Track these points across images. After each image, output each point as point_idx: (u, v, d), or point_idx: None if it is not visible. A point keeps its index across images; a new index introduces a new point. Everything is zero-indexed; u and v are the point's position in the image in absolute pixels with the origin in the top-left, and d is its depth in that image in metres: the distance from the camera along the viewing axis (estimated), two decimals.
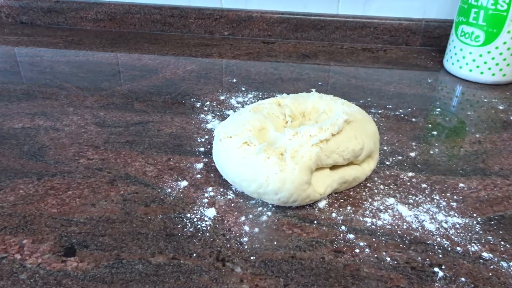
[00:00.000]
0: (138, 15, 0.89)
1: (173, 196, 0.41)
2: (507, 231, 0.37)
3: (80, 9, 0.89)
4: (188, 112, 0.57)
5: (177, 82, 0.66)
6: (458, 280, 0.32)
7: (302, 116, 0.46)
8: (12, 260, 0.33)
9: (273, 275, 0.32)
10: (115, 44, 0.83)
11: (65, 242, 0.35)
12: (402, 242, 0.36)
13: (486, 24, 0.63)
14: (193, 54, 0.79)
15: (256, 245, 0.35)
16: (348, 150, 0.39)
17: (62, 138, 0.50)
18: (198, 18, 0.88)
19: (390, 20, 0.83)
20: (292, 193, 0.37)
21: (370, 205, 0.40)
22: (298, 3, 0.85)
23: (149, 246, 0.35)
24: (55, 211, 0.38)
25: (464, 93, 0.65)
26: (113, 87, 0.64)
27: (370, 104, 0.60)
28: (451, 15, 0.82)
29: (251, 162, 0.37)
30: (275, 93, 0.63)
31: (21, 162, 0.45)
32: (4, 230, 0.36)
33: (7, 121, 0.53)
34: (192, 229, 0.37)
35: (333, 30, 0.86)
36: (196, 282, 0.32)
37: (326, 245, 0.35)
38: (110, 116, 0.55)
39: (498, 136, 0.53)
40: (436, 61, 0.78)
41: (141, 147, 0.49)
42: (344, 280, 0.32)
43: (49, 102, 0.59)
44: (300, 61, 0.76)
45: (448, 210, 0.39)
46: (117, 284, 0.31)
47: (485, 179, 0.44)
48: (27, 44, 0.81)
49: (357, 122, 0.41)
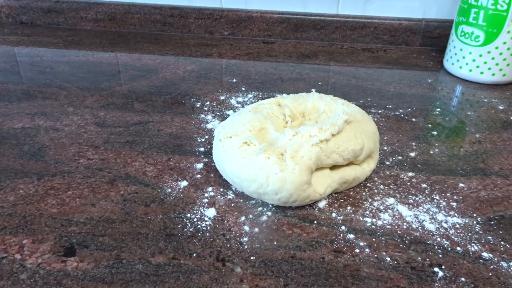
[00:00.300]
0: (138, 15, 0.89)
1: (173, 196, 0.41)
2: (507, 231, 0.37)
3: (80, 9, 0.89)
4: (188, 112, 0.57)
5: (177, 82, 0.66)
6: (458, 280, 0.32)
7: (302, 116, 0.46)
8: (12, 260, 0.33)
9: (273, 275, 0.32)
10: (115, 44, 0.83)
11: (65, 242, 0.35)
12: (402, 242, 0.36)
13: (486, 24, 0.63)
14: (193, 54, 0.79)
15: (256, 245, 0.35)
16: (348, 150, 0.39)
17: (62, 138, 0.50)
18: (198, 18, 0.88)
19: (390, 20, 0.83)
20: (292, 193, 0.37)
21: (370, 205, 0.40)
22: (298, 3, 0.85)
23: (149, 246, 0.35)
24: (55, 211, 0.38)
25: (464, 93, 0.65)
26: (113, 87, 0.64)
27: (370, 104, 0.60)
28: (451, 15, 0.82)
29: (251, 162, 0.37)
30: (275, 93, 0.63)
31: (21, 162, 0.45)
32: (4, 230, 0.36)
33: (7, 121, 0.53)
34: (192, 229, 0.37)
35: (333, 30, 0.86)
36: (196, 282, 0.32)
37: (326, 245, 0.35)
38: (110, 116, 0.55)
39: (498, 136, 0.53)
40: (436, 61, 0.78)
41: (141, 147, 0.49)
42: (344, 280, 0.32)
43: (49, 102, 0.59)
44: (300, 61, 0.76)
45: (448, 210, 0.39)
46: (117, 284, 0.31)
47: (485, 179, 0.44)
48: (27, 44, 0.81)
49: (357, 122, 0.41)
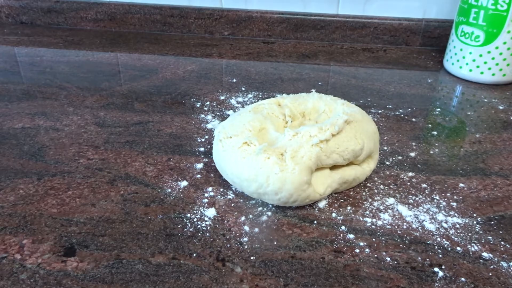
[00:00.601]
0: (138, 15, 0.89)
1: (173, 196, 0.41)
2: (507, 231, 0.37)
3: (80, 9, 0.89)
4: (188, 112, 0.57)
5: (177, 82, 0.66)
6: (458, 280, 0.32)
7: (302, 116, 0.46)
8: (12, 260, 0.33)
9: (273, 275, 0.32)
10: (115, 44, 0.83)
11: (65, 242, 0.35)
12: (402, 242, 0.36)
13: (486, 24, 0.63)
14: (193, 54, 0.79)
15: (256, 245, 0.35)
16: (348, 150, 0.39)
17: (62, 138, 0.50)
18: (198, 18, 0.88)
19: (390, 20, 0.83)
20: (292, 194, 0.37)
21: (370, 205, 0.40)
22: (298, 3, 0.85)
23: (149, 246, 0.35)
24: (55, 211, 0.38)
25: (464, 93, 0.65)
26: (113, 87, 0.64)
27: (370, 104, 0.60)
28: (451, 15, 0.82)
29: (251, 163, 0.37)
30: (275, 93, 0.63)
31: (21, 162, 0.45)
32: (4, 230, 0.36)
33: (7, 121, 0.53)
34: (192, 229, 0.37)
35: (333, 30, 0.86)
36: (196, 282, 0.32)
37: (326, 245, 0.35)
38: (110, 116, 0.55)
39: (498, 136, 0.53)
40: (436, 61, 0.78)
41: (141, 147, 0.49)
42: (344, 280, 0.32)
43: (49, 102, 0.59)
44: (300, 61, 0.76)
45: (448, 210, 0.39)
46: (117, 284, 0.31)
47: (485, 179, 0.44)
48: (27, 44, 0.81)
49: (357, 122, 0.41)
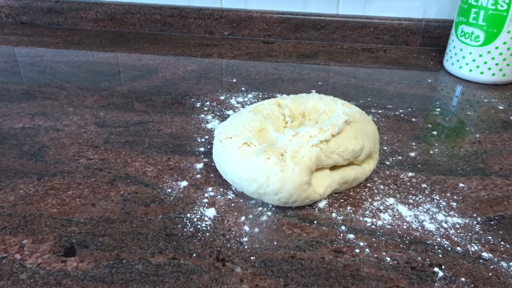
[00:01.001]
0: (138, 15, 0.89)
1: (173, 196, 0.41)
2: (507, 231, 0.37)
3: (80, 9, 0.89)
4: (188, 112, 0.57)
5: (177, 82, 0.66)
6: (458, 280, 0.32)
7: (302, 116, 0.46)
8: (12, 260, 0.33)
9: (273, 275, 0.32)
10: (115, 44, 0.83)
11: (65, 242, 0.35)
12: (402, 242, 0.36)
13: (486, 24, 0.63)
14: (193, 54, 0.79)
15: (256, 245, 0.35)
16: (348, 150, 0.39)
17: (62, 138, 0.50)
18: (198, 18, 0.88)
19: (390, 20, 0.83)
20: (292, 194, 0.37)
21: (370, 205, 0.40)
22: (298, 3, 0.85)
23: (149, 246, 0.35)
24: (55, 211, 0.38)
25: (464, 93, 0.65)
26: (113, 87, 0.64)
27: (370, 104, 0.60)
28: (451, 15, 0.82)
29: (251, 163, 0.37)
30: (275, 93, 0.63)
31: (21, 162, 0.45)
32: (4, 230, 0.36)
33: (7, 121, 0.53)
34: (192, 229, 0.37)
35: (333, 30, 0.86)
36: (196, 282, 0.32)
37: (326, 245, 0.35)
38: (110, 116, 0.55)
39: (498, 136, 0.53)
40: (436, 61, 0.78)
41: (141, 147, 0.49)
42: (344, 280, 0.32)
43: (49, 102, 0.59)
44: (300, 61, 0.76)
45: (448, 210, 0.39)
46: (117, 284, 0.31)
47: (485, 179, 0.44)
48: (27, 44, 0.81)
49: (357, 122, 0.41)
